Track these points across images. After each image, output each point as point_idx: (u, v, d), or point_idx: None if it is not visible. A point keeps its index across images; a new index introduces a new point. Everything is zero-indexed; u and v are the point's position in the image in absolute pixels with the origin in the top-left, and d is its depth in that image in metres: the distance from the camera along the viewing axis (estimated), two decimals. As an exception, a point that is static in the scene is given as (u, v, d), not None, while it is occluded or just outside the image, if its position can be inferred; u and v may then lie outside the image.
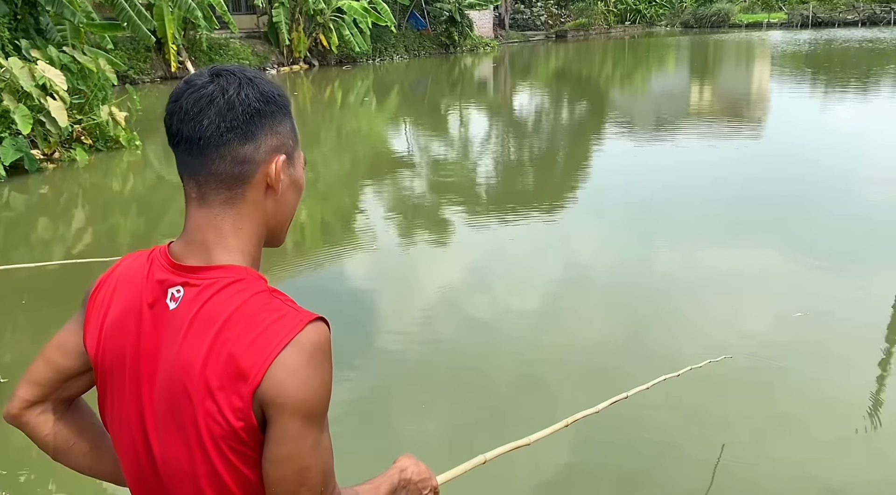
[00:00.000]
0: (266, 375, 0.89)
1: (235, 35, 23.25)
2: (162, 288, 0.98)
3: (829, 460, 3.12)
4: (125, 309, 1.00)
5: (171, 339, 0.95)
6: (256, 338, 0.91)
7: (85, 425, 1.14)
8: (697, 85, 20.09)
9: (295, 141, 1.03)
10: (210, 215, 0.98)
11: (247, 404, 0.90)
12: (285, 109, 1.01)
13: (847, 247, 5.73)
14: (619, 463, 3.16)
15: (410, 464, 1.19)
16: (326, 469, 0.96)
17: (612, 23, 44.40)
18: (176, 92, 0.99)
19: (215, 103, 0.95)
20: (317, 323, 0.94)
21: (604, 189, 8.32)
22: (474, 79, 24.27)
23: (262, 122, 0.97)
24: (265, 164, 0.98)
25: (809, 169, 8.50)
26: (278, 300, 0.95)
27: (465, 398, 3.74)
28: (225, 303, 0.93)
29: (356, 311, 4.84)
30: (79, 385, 1.10)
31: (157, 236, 6.92)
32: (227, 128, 0.95)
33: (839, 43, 30.07)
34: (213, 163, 0.96)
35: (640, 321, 4.58)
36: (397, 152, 11.43)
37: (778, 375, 3.79)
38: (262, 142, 0.97)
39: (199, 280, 0.96)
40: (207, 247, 0.98)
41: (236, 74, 0.98)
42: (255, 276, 0.98)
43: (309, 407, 0.92)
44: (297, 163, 1.05)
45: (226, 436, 0.92)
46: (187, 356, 0.93)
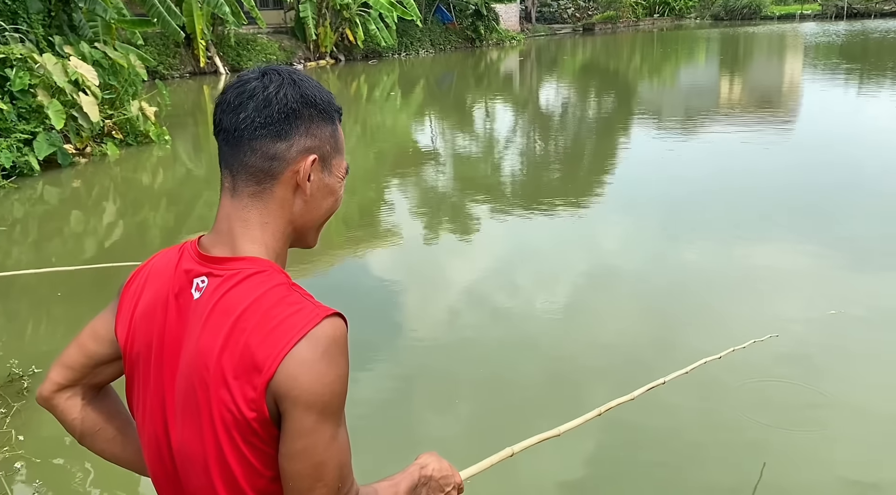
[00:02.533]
0: (279, 368, 0.90)
1: (263, 30, 23.44)
2: (188, 278, 1.00)
3: (869, 463, 3.04)
4: (154, 299, 1.03)
5: (193, 328, 0.97)
6: (272, 330, 0.92)
7: (112, 412, 1.17)
8: (728, 78, 19.76)
9: (334, 148, 1.04)
10: (239, 206, 1.00)
11: (260, 395, 0.91)
12: (326, 114, 1.02)
13: (883, 242, 5.58)
14: (649, 458, 3.12)
15: (432, 461, 1.18)
16: (343, 464, 0.96)
17: (641, 15, 43.84)
18: (227, 85, 1.03)
19: (255, 98, 0.98)
20: (333, 318, 0.94)
21: (632, 183, 8.23)
22: (500, 73, 24.15)
23: (297, 122, 0.99)
24: (295, 163, 0.99)
25: (843, 163, 8.30)
26: (297, 293, 0.96)
27: (490, 393, 3.72)
28: (244, 293, 0.95)
29: (381, 305, 4.85)
30: (108, 372, 1.13)
31: (186, 230, 7.01)
32: (262, 124, 0.97)
33: (876, 34, 29.33)
34: (245, 155, 0.99)
35: (669, 316, 4.51)
36: (423, 147, 11.42)
37: (814, 373, 3.70)
38: (295, 142, 0.99)
39: (222, 270, 0.98)
40: (233, 238, 1.00)
41: (282, 74, 1.01)
42: (277, 270, 0.99)
43: (324, 402, 0.92)
44: (335, 170, 1.05)
45: (238, 425, 0.93)
46: (205, 345, 0.95)
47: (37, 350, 4.29)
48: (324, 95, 1.03)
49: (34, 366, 3.87)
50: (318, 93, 1.02)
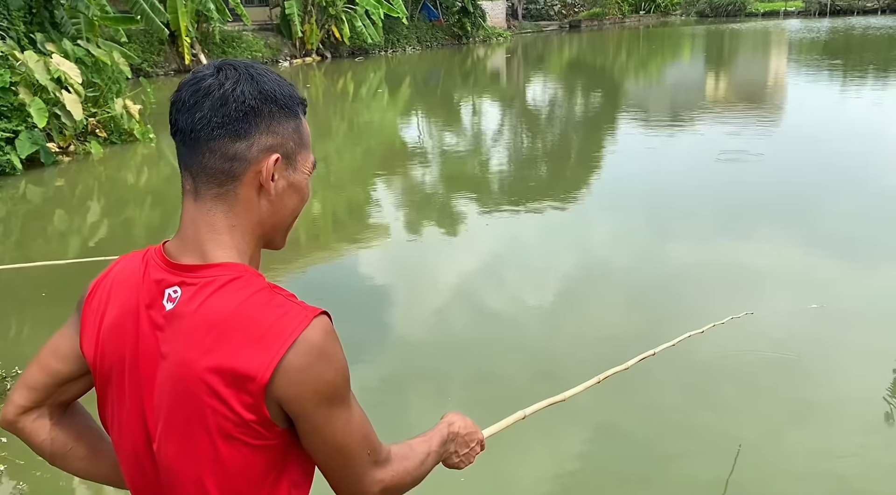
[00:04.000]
0: (276, 374, 0.89)
1: (248, 27, 23.30)
2: (159, 288, 0.96)
3: (843, 449, 3.07)
4: (122, 311, 0.99)
5: (171, 340, 0.94)
6: (262, 336, 0.89)
7: (81, 429, 1.13)
8: (714, 75, 19.87)
9: (299, 143, 1.00)
10: (203, 210, 0.97)
11: (258, 399, 0.90)
12: (288, 109, 0.98)
13: (865, 236, 5.64)
14: (632, 447, 3.13)
15: (457, 419, 1.25)
16: (365, 436, 0.99)
17: (627, 12, 43.99)
18: (181, 82, 0.98)
19: (210, 97, 0.94)
20: (320, 316, 0.93)
21: (619, 179, 8.26)
22: (487, 70, 24.15)
23: (257, 120, 0.95)
24: (257, 163, 0.95)
25: (827, 159, 8.37)
26: (280, 296, 0.94)
27: (479, 389, 3.72)
28: (225, 301, 0.92)
29: (368, 303, 4.84)
30: (75, 389, 1.09)
31: (172, 229, 6.94)
32: (218, 124, 0.93)
33: (858, 30, 29.61)
34: (204, 156, 0.95)
35: (654, 311, 4.53)
36: (410, 144, 11.40)
37: (793, 364, 3.74)
38: (255, 141, 0.95)
39: (196, 278, 0.94)
40: (201, 244, 0.96)
41: (238, 69, 0.96)
42: (254, 273, 0.96)
43: (329, 396, 0.93)
44: (300, 167, 1.01)
45: (240, 429, 0.91)
46: (189, 357, 0.91)
47: (21, 351, 4.24)
48: (284, 89, 0.98)
49: (17, 367, 3.83)
50: (277, 87, 0.97)
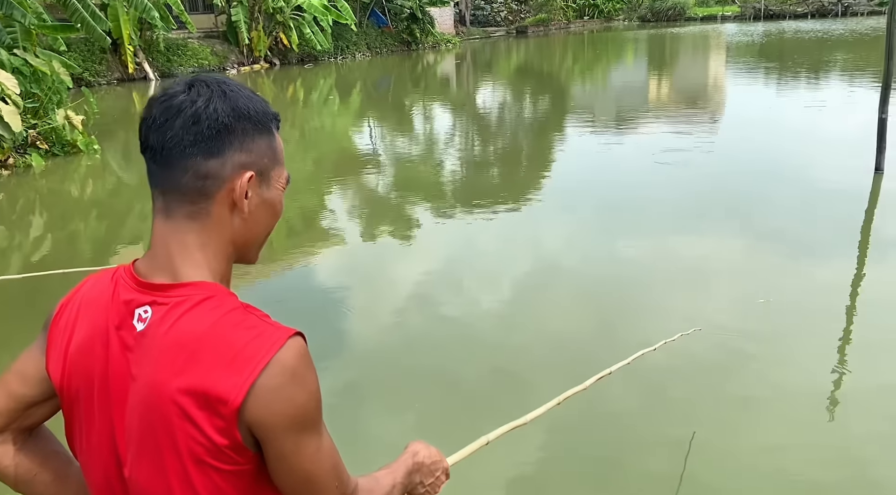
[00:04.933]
0: (249, 396, 0.87)
1: (193, 35, 22.91)
2: (128, 308, 0.94)
3: (790, 442, 3.24)
4: (91, 332, 0.97)
5: (142, 362, 0.92)
6: (234, 358, 0.88)
7: (47, 453, 1.09)
8: (656, 78, 20.43)
9: (273, 159, 0.99)
10: (174, 228, 0.95)
11: (230, 423, 0.88)
12: (262, 126, 0.97)
13: (803, 231, 5.92)
14: (591, 449, 3.25)
15: (422, 448, 1.22)
16: (333, 466, 0.96)
17: (571, 18, 44.81)
18: (151, 98, 0.97)
19: (182, 115, 0.92)
20: (295, 338, 0.92)
21: (569, 182, 8.44)
22: (438, 75, 24.30)
23: (230, 137, 0.94)
24: (230, 181, 0.94)
25: (765, 157, 8.73)
26: (253, 316, 0.92)
27: (438, 392, 3.78)
28: (196, 321, 0.90)
29: (325, 310, 4.86)
30: (41, 413, 1.06)
31: (118, 242, 6.83)
32: (191, 142, 0.92)
33: (791, 34, 30.86)
34: (176, 175, 0.94)
35: (608, 309, 4.68)
36: (362, 150, 11.42)
37: (741, 359, 3.91)
38: (228, 158, 0.94)
39: (167, 298, 0.92)
40: (173, 263, 0.95)
41: (210, 86, 0.95)
42: (226, 293, 0.94)
43: (300, 421, 0.91)
44: (274, 184, 1.00)
45: (212, 454, 0.90)
46: (160, 379, 0.90)
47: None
48: (257, 105, 0.97)
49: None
50: (251, 103, 0.96)
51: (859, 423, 3.30)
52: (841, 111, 11.92)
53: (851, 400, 3.53)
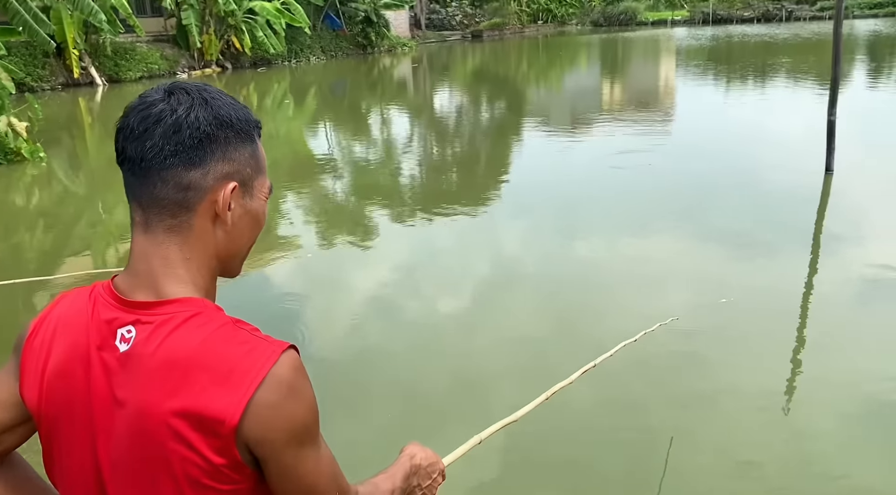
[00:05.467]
0: (246, 414, 0.84)
1: (142, 39, 22.37)
2: (110, 328, 0.90)
3: (748, 437, 3.29)
4: (69, 354, 0.92)
5: (128, 385, 0.88)
6: (228, 374, 0.85)
7: (21, 480, 1.05)
8: (609, 81, 20.77)
9: (256, 169, 0.96)
10: (155, 243, 0.91)
11: (228, 443, 0.85)
12: (245, 134, 0.94)
13: (759, 233, 6.04)
14: (561, 453, 3.24)
15: (418, 451, 1.22)
16: (333, 476, 0.95)
17: (526, 22, 45.29)
18: (128, 107, 0.93)
19: (162, 124, 0.88)
20: (288, 351, 0.89)
21: (525, 185, 8.48)
22: (394, 79, 24.23)
23: (212, 147, 0.90)
24: (213, 192, 0.91)
25: (718, 159, 8.92)
26: (245, 331, 0.89)
27: (400, 399, 3.73)
28: (186, 339, 0.87)
29: (282, 319, 4.75)
30: (13, 439, 1.01)
31: (66, 253, 6.58)
32: (172, 152, 0.88)
33: (737, 38, 31.76)
34: (156, 186, 0.89)
35: (568, 313, 4.69)
36: (319, 155, 11.28)
37: (699, 358, 3.97)
38: (211, 169, 0.90)
39: (151, 316, 0.89)
40: (155, 279, 0.91)
41: (191, 93, 0.91)
42: (214, 308, 0.91)
43: (300, 435, 0.89)
44: (257, 194, 0.97)
45: (210, 475, 0.86)
46: (151, 401, 0.86)
47: None
48: (240, 113, 0.94)
49: None
50: (233, 111, 0.93)
51: (812, 419, 3.37)
52: (790, 113, 12.29)
53: (805, 396, 3.60)
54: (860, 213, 6.41)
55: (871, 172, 7.82)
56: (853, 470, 2.99)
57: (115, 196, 8.87)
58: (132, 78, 21.75)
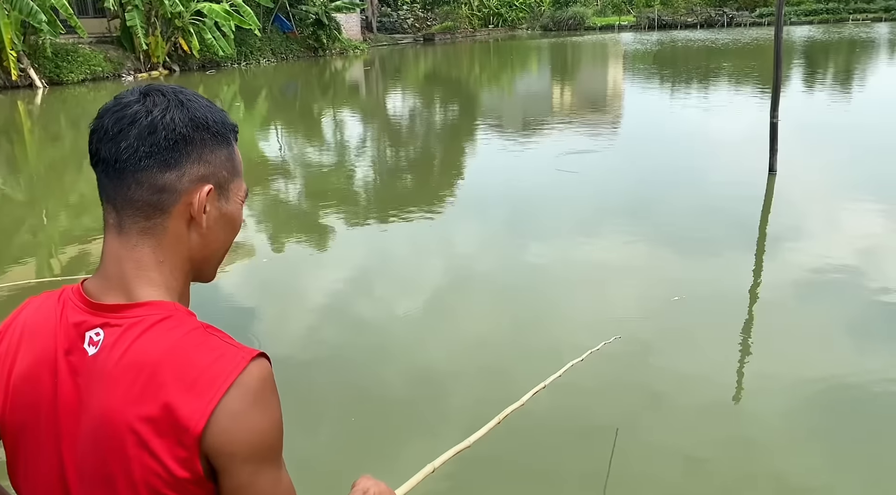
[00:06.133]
0: (210, 422, 0.82)
1: (84, 40, 21.71)
2: (78, 331, 0.89)
3: (696, 434, 3.38)
4: (36, 359, 0.90)
5: (94, 389, 0.86)
6: (195, 381, 0.83)
7: None
8: (559, 85, 21.09)
9: (232, 172, 0.95)
10: (128, 245, 0.90)
11: (192, 453, 0.83)
12: (221, 137, 0.93)
13: (706, 233, 6.21)
14: (522, 461, 3.26)
15: (371, 485, 1.18)
16: None
17: (477, 26, 45.66)
18: (102, 108, 0.91)
19: (137, 125, 0.88)
20: (258, 359, 0.87)
21: (479, 189, 8.53)
22: (346, 82, 24.09)
23: (187, 149, 0.89)
24: (188, 194, 0.90)
25: (665, 161, 9.15)
26: (215, 337, 0.88)
27: (355, 408, 3.69)
28: (154, 343, 0.85)
29: (233, 326, 4.66)
30: None
31: (6, 261, 6.32)
32: (147, 154, 0.88)
33: (681, 43, 32.65)
34: (130, 188, 0.89)
35: (526, 315, 4.73)
36: (271, 159, 11.12)
37: (652, 357, 4.05)
38: (186, 171, 0.90)
39: (120, 320, 0.87)
40: (126, 282, 0.90)
41: (167, 95, 0.91)
42: (185, 312, 0.90)
43: (260, 451, 0.86)
44: (233, 197, 0.96)
45: (170, 487, 0.84)
46: (115, 406, 0.84)
47: None
48: (216, 115, 0.94)
49: None
50: (210, 113, 0.93)
51: (758, 415, 3.46)
52: (734, 115, 12.67)
53: (751, 392, 3.70)
54: (802, 212, 6.65)
55: (812, 172, 8.13)
56: (798, 464, 3.09)
57: (57, 202, 8.57)
58: (74, 80, 21.08)
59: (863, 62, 21.84)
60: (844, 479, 3.01)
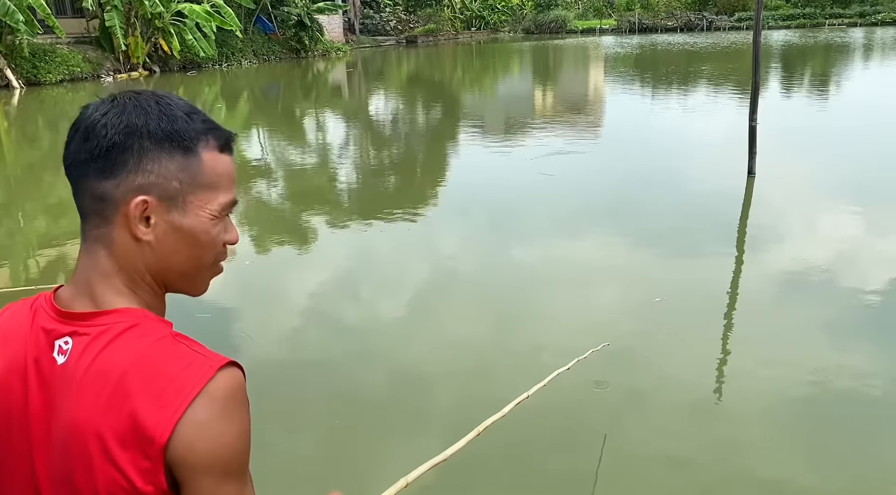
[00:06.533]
0: (174, 432, 0.80)
1: (63, 40, 21.43)
2: (48, 340, 0.87)
3: (680, 434, 3.41)
4: (8, 367, 0.89)
5: (63, 398, 0.85)
6: (162, 390, 0.81)
7: None
8: (542, 88, 21.18)
9: (190, 183, 0.89)
10: (88, 252, 0.90)
11: (156, 465, 0.81)
12: (171, 145, 0.87)
13: (687, 235, 6.27)
14: (505, 471, 3.27)
15: None
16: None
17: (459, 29, 45.76)
18: None
19: (80, 131, 0.87)
20: (229, 368, 0.85)
21: (461, 191, 8.54)
22: (329, 84, 24.01)
23: (122, 157, 0.86)
24: (124, 205, 0.86)
25: (646, 163, 9.22)
26: (183, 345, 0.86)
27: (338, 411, 3.67)
28: (122, 352, 0.84)
29: (215, 329, 4.63)
30: None
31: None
32: (83, 160, 0.87)
33: (661, 47, 32.94)
34: (78, 195, 0.89)
35: (507, 317, 4.74)
36: (253, 160, 11.05)
37: (634, 357, 4.08)
38: (122, 180, 0.86)
39: (88, 328, 0.86)
40: (93, 289, 0.89)
41: (130, 99, 0.88)
42: (154, 320, 0.88)
43: (223, 464, 0.83)
44: (193, 209, 0.90)
45: None
46: (81, 415, 0.83)
47: None
48: (168, 123, 0.87)
49: None
50: (161, 121, 0.87)
51: (741, 414, 3.50)
52: (714, 118, 12.82)
53: (733, 391, 3.75)
54: (781, 214, 6.74)
55: (790, 174, 8.24)
56: (780, 463, 3.13)
57: (34, 204, 8.45)
58: (52, 80, 20.80)
59: (839, 66, 22.20)
60: (827, 478, 3.05)
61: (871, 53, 26.36)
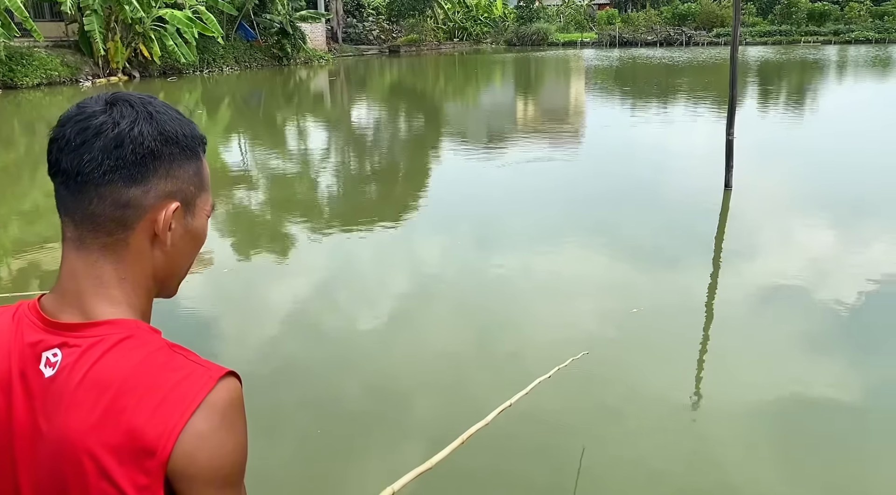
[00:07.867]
0: (176, 446, 0.79)
1: (40, 44, 21.19)
2: (34, 352, 0.84)
3: (657, 445, 3.44)
4: None
5: (52, 413, 0.82)
6: (161, 403, 0.79)
7: None
8: (523, 99, 21.33)
9: (199, 187, 0.92)
10: (88, 261, 0.86)
11: (154, 480, 0.79)
12: (190, 151, 0.90)
13: (665, 247, 6.35)
14: (487, 479, 3.27)
15: None
16: None
17: (442, 39, 45.97)
18: (64, 116, 0.87)
19: (102, 136, 0.83)
20: (228, 378, 0.84)
21: (443, 200, 8.57)
22: (311, 92, 23.97)
23: (155, 164, 0.86)
24: (153, 211, 0.86)
25: (625, 176, 9.32)
26: (180, 356, 0.84)
27: (316, 421, 3.66)
28: (116, 364, 0.81)
29: (193, 338, 4.59)
30: None
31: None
32: (112, 168, 0.84)
33: (641, 60, 33.37)
34: (91, 202, 0.85)
35: (487, 327, 4.75)
36: (234, 168, 10.99)
37: (613, 369, 4.11)
38: (152, 187, 0.86)
39: (79, 339, 0.83)
40: (84, 299, 0.86)
41: (135, 106, 0.86)
42: (148, 330, 0.86)
43: (224, 474, 0.82)
44: (199, 212, 0.92)
45: None
46: (74, 431, 0.80)
47: None
48: (186, 129, 0.90)
49: None
50: (180, 127, 0.89)
51: (717, 425, 3.54)
52: (692, 132, 12.99)
53: (710, 402, 3.78)
54: (757, 227, 6.85)
55: (766, 188, 8.38)
56: (755, 474, 3.16)
57: (7, 209, 8.32)
58: (29, 84, 20.54)
59: (814, 82, 22.64)
60: (802, 489, 3.09)
61: (844, 70, 26.93)
